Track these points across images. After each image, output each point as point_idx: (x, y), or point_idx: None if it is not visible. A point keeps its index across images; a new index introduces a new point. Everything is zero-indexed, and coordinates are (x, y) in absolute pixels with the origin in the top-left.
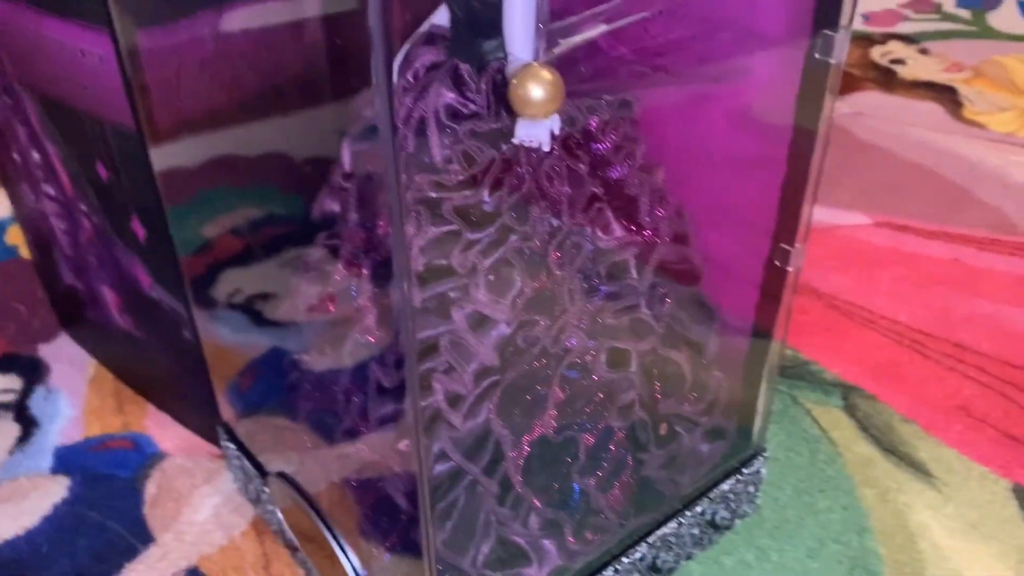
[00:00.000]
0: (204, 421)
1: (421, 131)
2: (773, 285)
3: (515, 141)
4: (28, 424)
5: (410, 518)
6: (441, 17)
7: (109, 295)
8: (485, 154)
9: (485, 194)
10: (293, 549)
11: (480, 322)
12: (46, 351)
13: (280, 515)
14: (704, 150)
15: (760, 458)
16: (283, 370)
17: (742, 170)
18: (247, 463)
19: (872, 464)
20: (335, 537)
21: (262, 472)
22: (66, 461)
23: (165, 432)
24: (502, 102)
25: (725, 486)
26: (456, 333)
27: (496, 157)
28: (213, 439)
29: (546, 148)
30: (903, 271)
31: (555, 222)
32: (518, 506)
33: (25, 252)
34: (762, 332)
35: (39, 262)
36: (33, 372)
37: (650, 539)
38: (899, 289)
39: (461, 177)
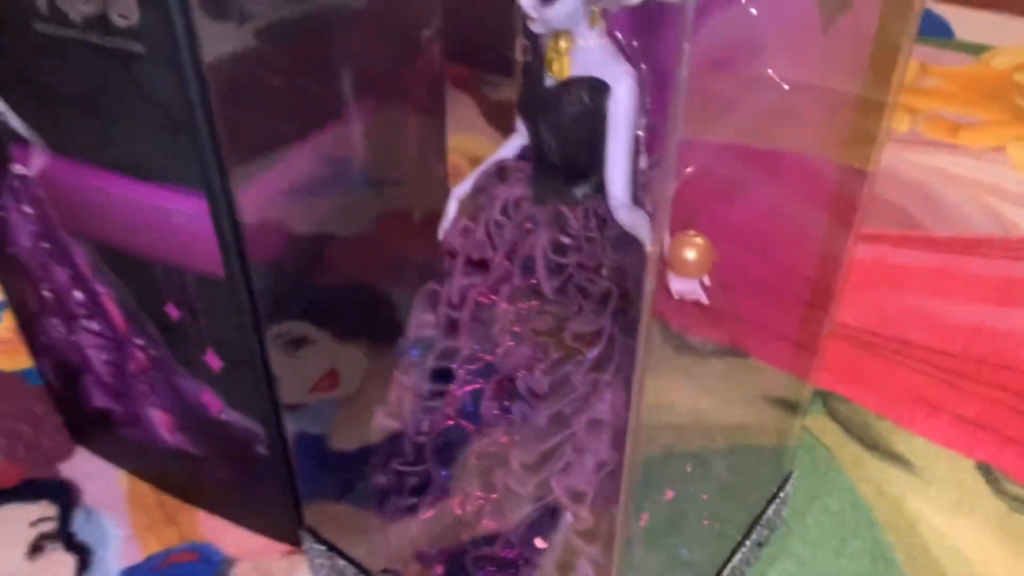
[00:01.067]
0: (273, 523)
1: (526, 267)
2: (809, 340)
3: (675, 296)
4: (81, 552)
5: None
6: (508, 151)
7: (159, 416)
8: (597, 284)
9: (606, 322)
10: None
11: (596, 424)
12: (68, 471)
13: None
14: (743, 226)
15: (791, 479)
16: (385, 473)
17: (784, 247)
18: (339, 561)
19: (862, 462)
20: None
21: (361, 568)
22: None
23: (225, 537)
24: (602, 239)
25: (770, 511)
26: (577, 438)
27: (610, 289)
28: (283, 538)
29: (704, 301)
30: None
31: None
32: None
33: (2, 363)
34: (798, 376)
35: (57, 385)
36: (64, 495)
37: (724, 573)
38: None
39: (575, 307)
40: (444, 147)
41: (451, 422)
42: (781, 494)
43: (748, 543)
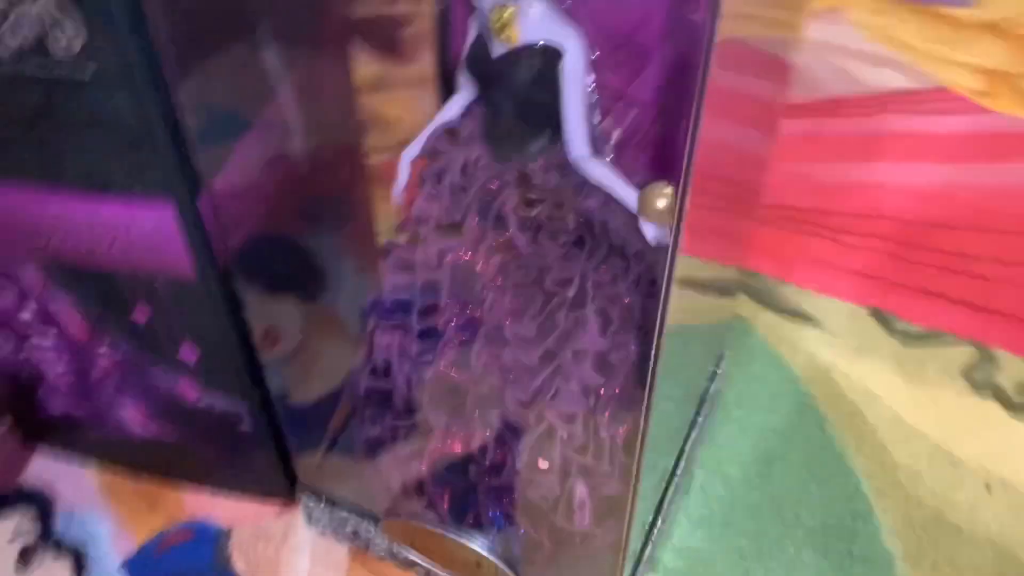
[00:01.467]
0: (264, 485)
1: (498, 223)
2: (738, 228)
3: (652, 243)
4: (74, 555)
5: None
6: (453, 111)
7: (129, 413)
8: (566, 230)
9: (580, 263)
10: (410, 564)
11: (580, 354)
12: (32, 478)
13: (401, 546)
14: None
15: (724, 356)
16: (379, 427)
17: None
18: (340, 512)
19: (777, 326)
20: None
21: (363, 514)
22: (140, 575)
23: (214, 510)
24: (565, 190)
25: (712, 388)
26: (563, 369)
27: (580, 233)
28: (277, 496)
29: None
30: None
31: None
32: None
33: None
34: (729, 263)
35: (3, 397)
36: (37, 503)
37: (686, 450)
38: None
39: (549, 254)
40: (352, 84)
41: (443, 373)
42: (719, 371)
43: (700, 419)
